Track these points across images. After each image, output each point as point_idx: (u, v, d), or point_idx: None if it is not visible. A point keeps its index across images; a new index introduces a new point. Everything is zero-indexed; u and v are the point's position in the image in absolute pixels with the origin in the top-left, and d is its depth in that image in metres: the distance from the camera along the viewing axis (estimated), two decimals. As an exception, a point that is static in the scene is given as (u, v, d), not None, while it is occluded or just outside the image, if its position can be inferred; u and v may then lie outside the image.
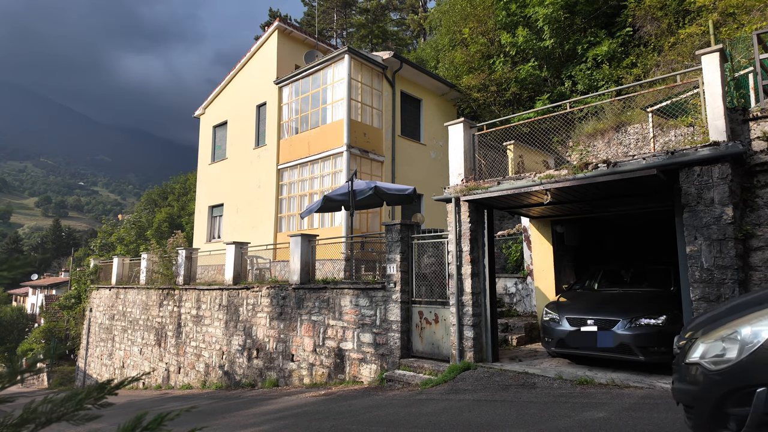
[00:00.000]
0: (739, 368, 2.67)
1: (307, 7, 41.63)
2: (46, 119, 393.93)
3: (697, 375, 2.90)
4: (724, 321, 2.96)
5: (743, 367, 2.65)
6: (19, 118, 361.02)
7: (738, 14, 11.42)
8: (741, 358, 2.68)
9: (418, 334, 8.62)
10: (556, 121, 8.48)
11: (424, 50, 27.22)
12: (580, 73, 15.63)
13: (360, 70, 15.49)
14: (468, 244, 7.93)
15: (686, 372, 3.00)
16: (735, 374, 2.68)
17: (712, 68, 5.95)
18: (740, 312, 2.88)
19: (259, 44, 18.67)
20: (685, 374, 3.02)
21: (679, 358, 3.13)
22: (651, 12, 14.32)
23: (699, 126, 6.69)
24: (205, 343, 13.33)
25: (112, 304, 19.03)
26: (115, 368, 18.07)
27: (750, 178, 5.93)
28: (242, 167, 18.65)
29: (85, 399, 1.22)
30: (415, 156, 17.28)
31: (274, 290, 11.35)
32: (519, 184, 7.21)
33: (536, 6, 15.95)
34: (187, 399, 11.13)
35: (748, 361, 2.63)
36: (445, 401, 6.18)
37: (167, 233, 28.04)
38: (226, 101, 20.42)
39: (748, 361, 2.63)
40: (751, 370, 2.62)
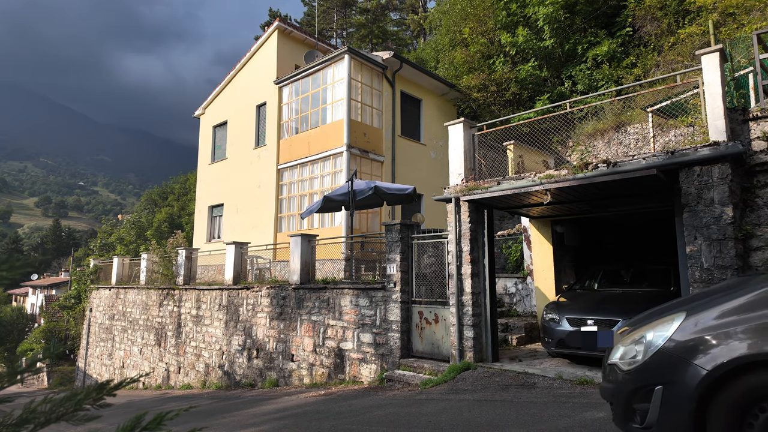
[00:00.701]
0: (643, 369, 2.97)
1: (307, 7, 41.63)
2: (46, 119, 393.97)
3: (614, 374, 3.20)
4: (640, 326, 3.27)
5: (646, 368, 2.96)
6: (19, 118, 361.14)
7: (738, 14, 11.42)
8: (645, 359, 2.98)
9: (418, 334, 8.62)
10: (556, 121, 8.48)
11: (424, 50, 27.22)
12: (580, 73, 15.63)
13: (360, 70, 15.49)
14: (468, 244, 7.93)
15: (608, 372, 3.30)
16: (640, 374, 2.99)
17: (712, 68, 5.95)
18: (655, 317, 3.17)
19: (259, 44, 18.67)
20: (607, 374, 3.33)
21: (605, 359, 3.43)
22: (651, 12, 14.32)
23: (699, 126, 6.69)
24: (205, 343, 13.33)
25: (112, 304, 19.03)
26: (115, 368, 18.07)
27: (750, 178, 5.94)
28: (242, 167, 18.65)
29: (84, 399, 1.22)
30: (415, 156, 17.28)
31: (274, 290, 11.35)
32: (519, 184, 7.21)
33: (536, 6, 15.95)
34: (187, 399, 11.13)
35: (650, 362, 2.94)
36: (445, 401, 6.18)
37: (167, 233, 28.04)
38: (226, 101, 20.42)
39: (650, 362, 2.94)
40: (652, 371, 2.92)
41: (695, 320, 2.87)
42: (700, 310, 2.95)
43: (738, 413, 2.61)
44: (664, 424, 2.81)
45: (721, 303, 2.90)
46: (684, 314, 2.97)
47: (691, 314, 2.94)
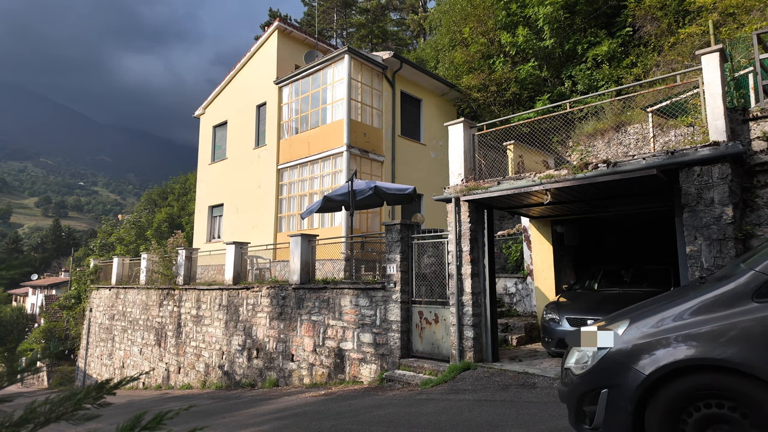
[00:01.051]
0: (592, 373, 3.14)
1: (307, 7, 41.63)
2: (46, 119, 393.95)
3: (568, 378, 3.36)
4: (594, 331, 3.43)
5: (594, 372, 3.13)
6: (19, 118, 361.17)
7: (738, 14, 11.42)
8: (593, 364, 3.15)
9: (418, 334, 8.62)
10: (556, 121, 8.48)
11: (424, 50, 27.21)
12: (580, 73, 15.63)
13: (360, 70, 15.49)
14: (468, 244, 7.93)
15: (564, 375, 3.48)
16: (588, 378, 3.15)
17: (712, 68, 5.95)
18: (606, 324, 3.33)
19: (259, 44, 18.67)
20: (563, 377, 3.50)
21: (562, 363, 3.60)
22: (651, 12, 14.32)
23: (699, 126, 6.69)
24: (205, 343, 13.33)
25: (112, 304, 19.03)
26: (115, 368, 18.07)
27: (750, 178, 5.93)
28: (242, 167, 18.65)
29: (84, 399, 1.22)
30: (415, 156, 17.28)
31: (274, 290, 11.35)
32: (519, 184, 7.21)
33: (536, 6, 15.95)
34: (187, 399, 11.13)
35: (597, 367, 3.11)
36: (445, 401, 6.18)
37: (167, 233, 28.04)
38: (226, 101, 20.42)
39: (597, 366, 3.11)
40: (599, 374, 3.09)
41: (637, 327, 3.03)
42: (641, 318, 3.10)
43: (672, 415, 2.76)
44: (609, 425, 2.95)
45: (660, 312, 3.04)
46: (628, 321, 3.13)
47: (633, 322, 3.10)
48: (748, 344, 2.61)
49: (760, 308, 2.66)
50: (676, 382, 2.80)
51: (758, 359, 2.55)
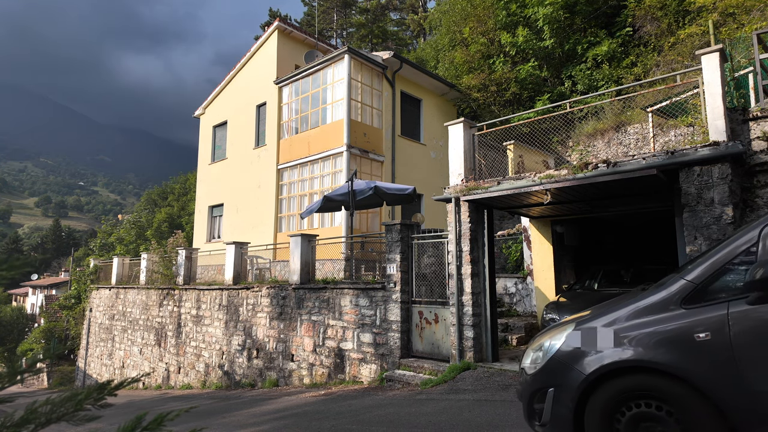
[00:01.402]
0: (541, 372, 3.33)
1: (307, 7, 41.63)
2: (46, 119, 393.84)
3: (523, 377, 3.58)
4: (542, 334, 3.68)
5: (543, 372, 3.32)
6: (19, 118, 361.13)
7: (738, 14, 11.42)
8: (542, 364, 3.34)
9: (418, 334, 8.62)
10: (556, 121, 8.48)
11: (424, 50, 27.22)
12: (580, 73, 15.63)
13: (360, 70, 15.49)
14: (468, 244, 7.93)
15: (520, 375, 3.71)
16: (538, 377, 3.34)
17: (712, 68, 5.95)
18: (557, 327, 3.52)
19: (259, 44, 18.67)
20: (520, 376, 3.73)
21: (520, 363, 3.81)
22: (651, 12, 14.32)
23: (699, 126, 6.69)
24: (205, 343, 13.33)
25: (112, 304, 19.03)
26: (115, 368, 18.08)
27: (750, 178, 5.94)
28: (242, 167, 18.65)
29: (84, 399, 1.22)
30: (415, 156, 17.28)
31: (274, 290, 11.35)
32: (519, 184, 7.21)
33: (536, 6, 15.95)
34: (187, 399, 11.13)
35: (546, 367, 3.30)
36: (445, 401, 6.18)
37: (167, 233, 28.04)
38: (226, 101, 20.42)
39: (546, 366, 3.30)
40: (547, 374, 3.29)
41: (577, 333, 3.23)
42: (585, 322, 3.27)
43: (608, 413, 2.94)
44: (554, 422, 3.14)
45: (601, 316, 3.22)
46: (574, 325, 3.31)
47: (578, 325, 3.28)
48: (674, 347, 2.79)
49: (686, 314, 2.83)
50: (612, 383, 2.97)
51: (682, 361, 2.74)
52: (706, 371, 2.68)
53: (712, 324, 2.73)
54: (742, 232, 2.91)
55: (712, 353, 2.69)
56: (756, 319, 2.62)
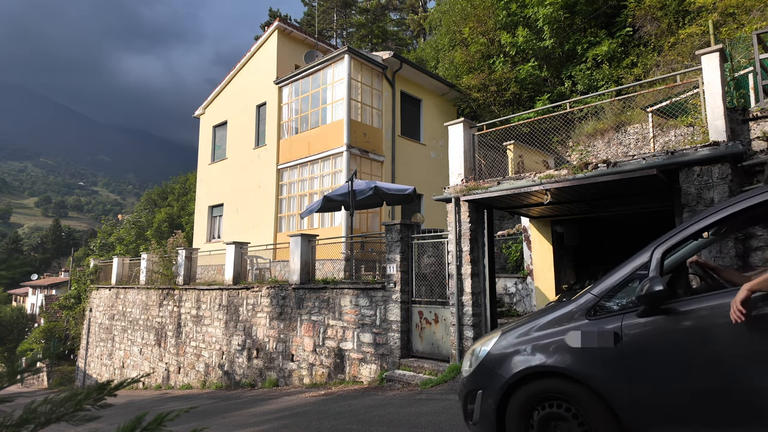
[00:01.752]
0: (473, 375, 3.60)
1: (307, 7, 41.63)
2: (46, 119, 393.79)
3: (461, 379, 3.82)
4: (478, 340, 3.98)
5: (474, 375, 3.59)
6: (19, 118, 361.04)
7: (738, 14, 11.42)
8: (474, 368, 3.62)
9: (418, 334, 8.62)
10: (556, 121, 8.48)
11: (424, 50, 27.21)
12: (580, 73, 15.63)
13: (360, 70, 15.49)
14: (468, 244, 7.93)
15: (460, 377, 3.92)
16: (471, 380, 3.61)
17: (712, 68, 5.95)
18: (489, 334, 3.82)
19: (259, 44, 18.67)
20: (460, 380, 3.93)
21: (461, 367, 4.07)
22: (651, 12, 14.32)
23: (699, 126, 6.69)
24: (205, 343, 13.33)
25: (112, 304, 19.03)
26: (114, 368, 18.07)
27: (750, 178, 5.94)
28: (242, 167, 18.65)
29: (84, 399, 1.22)
30: (415, 156, 17.28)
31: (274, 290, 11.35)
32: (519, 184, 7.21)
33: (536, 6, 15.95)
34: (187, 399, 11.13)
35: (477, 371, 3.58)
36: (445, 401, 6.18)
37: (167, 233, 28.04)
38: (226, 101, 20.43)
39: (477, 370, 3.58)
40: (477, 377, 3.56)
41: (505, 338, 3.51)
42: (509, 330, 3.56)
43: (524, 413, 3.23)
44: (482, 422, 3.44)
45: (523, 325, 3.50)
46: (500, 333, 3.61)
47: (504, 333, 3.57)
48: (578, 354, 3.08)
49: (590, 324, 3.11)
50: (527, 386, 3.26)
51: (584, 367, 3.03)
52: (602, 376, 2.97)
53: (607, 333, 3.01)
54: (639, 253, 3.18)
55: (608, 360, 2.97)
56: (642, 329, 2.91)
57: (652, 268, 2.96)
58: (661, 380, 2.81)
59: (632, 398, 2.86)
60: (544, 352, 3.22)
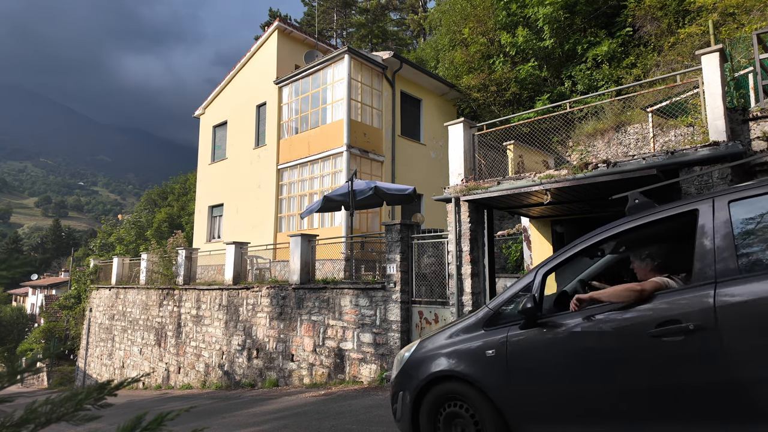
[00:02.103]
0: (397, 377, 4.01)
1: (307, 7, 41.63)
2: (46, 119, 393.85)
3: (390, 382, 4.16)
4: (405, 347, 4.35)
5: (398, 377, 4.00)
6: (19, 118, 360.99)
7: (738, 14, 11.42)
8: (399, 371, 4.02)
9: (418, 334, 8.62)
10: (556, 121, 8.48)
11: (424, 50, 27.21)
12: (580, 73, 15.63)
13: (360, 70, 15.49)
14: (468, 244, 7.93)
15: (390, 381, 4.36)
16: (395, 382, 4.03)
17: (712, 68, 5.95)
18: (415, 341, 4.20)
19: (259, 44, 18.67)
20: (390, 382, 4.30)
21: None
22: (651, 12, 14.32)
23: (699, 126, 6.69)
24: (205, 343, 13.33)
25: (112, 304, 19.04)
26: (114, 368, 18.08)
27: (750, 179, 5.93)
28: (242, 167, 18.66)
29: (84, 399, 1.22)
30: (415, 156, 17.28)
31: (274, 290, 11.35)
32: (519, 184, 7.21)
33: (536, 6, 15.95)
34: (187, 399, 11.13)
35: (400, 373, 3.99)
36: (445, 401, 6.17)
37: (167, 233, 28.03)
38: (226, 101, 20.43)
39: (400, 373, 3.99)
40: (399, 380, 3.98)
41: (423, 345, 3.92)
42: (427, 338, 3.99)
43: (432, 412, 3.64)
44: (402, 419, 3.85)
45: (437, 334, 3.92)
46: (420, 340, 4.04)
47: (422, 341, 4.00)
48: (473, 361, 3.49)
49: (484, 335, 3.49)
50: (434, 388, 3.66)
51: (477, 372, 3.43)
52: (491, 380, 3.36)
53: (496, 343, 3.41)
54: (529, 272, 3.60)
55: (495, 366, 3.36)
56: (521, 339, 3.31)
57: (534, 287, 3.37)
58: (534, 382, 3.22)
59: (512, 398, 3.26)
60: (448, 359, 3.64)
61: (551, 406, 3.15)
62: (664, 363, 2.72)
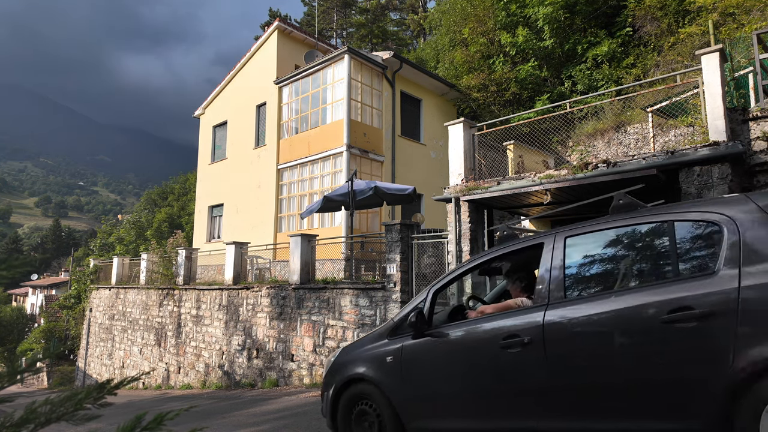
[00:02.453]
0: (324, 379, 4.52)
1: (307, 7, 41.63)
2: (46, 119, 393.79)
3: None
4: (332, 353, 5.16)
5: (325, 379, 4.50)
6: (19, 118, 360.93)
7: (738, 14, 11.42)
8: (325, 373, 4.55)
9: (418, 334, 8.61)
10: (556, 121, 8.48)
11: (424, 50, 27.21)
12: (580, 73, 15.62)
13: (360, 70, 15.49)
14: (468, 244, 7.93)
15: None
16: (323, 383, 4.51)
17: (712, 68, 5.95)
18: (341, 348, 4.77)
19: (259, 44, 18.67)
20: None
21: None
22: (651, 12, 14.32)
23: (699, 126, 6.69)
24: (205, 343, 13.33)
25: (112, 304, 19.03)
26: (114, 368, 18.08)
27: (750, 178, 5.93)
28: (242, 167, 18.66)
29: (84, 399, 1.22)
30: (415, 156, 17.28)
31: (274, 290, 11.35)
32: (519, 184, 7.21)
33: (536, 6, 15.95)
34: (187, 399, 11.13)
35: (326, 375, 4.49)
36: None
37: (167, 233, 28.04)
38: (226, 101, 20.43)
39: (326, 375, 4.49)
40: (326, 381, 4.45)
41: (345, 351, 4.49)
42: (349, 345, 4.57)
43: (347, 409, 4.17)
44: (326, 415, 4.38)
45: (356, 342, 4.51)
46: (343, 347, 4.60)
47: (344, 348, 4.56)
48: (377, 366, 4.01)
49: (388, 344, 4.02)
50: (349, 389, 4.19)
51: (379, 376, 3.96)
52: (389, 383, 3.89)
53: (394, 351, 3.94)
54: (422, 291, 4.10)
55: (393, 371, 3.88)
56: (413, 347, 3.82)
57: (426, 304, 3.89)
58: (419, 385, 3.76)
59: (404, 399, 3.80)
60: (360, 363, 4.19)
61: (431, 404, 3.73)
62: (510, 369, 3.32)
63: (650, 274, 3.09)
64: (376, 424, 3.94)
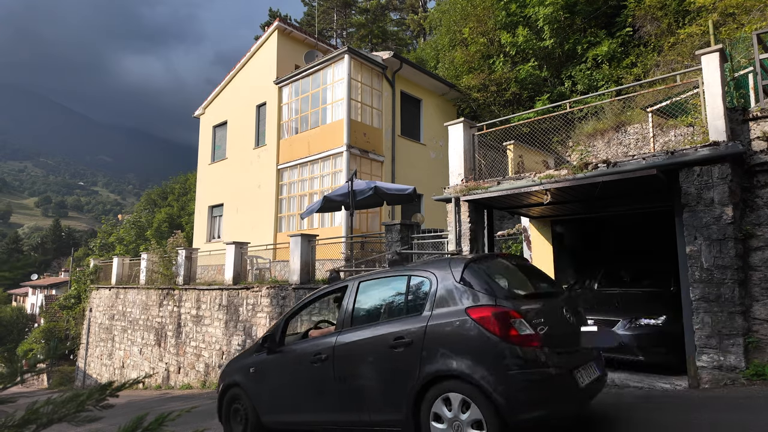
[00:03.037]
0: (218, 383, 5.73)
1: (307, 7, 41.61)
2: (46, 120, 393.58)
3: None
4: None
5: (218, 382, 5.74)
6: (19, 118, 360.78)
7: (738, 14, 11.42)
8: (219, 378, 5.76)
9: (418, 334, 8.62)
10: (556, 121, 8.48)
11: (424, 50, 27.20)
12: (580, 73, 15.62)
13: (360, 70, 15.49)
14: (468, 244, 7.93)
15: None
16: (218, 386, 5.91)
17: (712, 68, 5.95)
18: None
19: (259, 44, 18.67)
20: None
21: None
22: (651, 12, 14.32)
23: (699, 126, 6.69)
24: (205, 343, 13.33)
25: (112, 304, 19.03)
26: (114, 368, 18.07)
27: (750, 178, 5.94)
28: (242, 167, 18.65)
29: (87, 400, 1.22)
30: (415, 156, 17.28)
31: (274, 290, 11.35)
32: (519, 184, 7.21)
33: (536, 6, 15.94)
34: (188, 399, 11.13)
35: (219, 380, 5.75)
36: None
37: (167, 233, 28.03)
38: (226, 101, 20.42)
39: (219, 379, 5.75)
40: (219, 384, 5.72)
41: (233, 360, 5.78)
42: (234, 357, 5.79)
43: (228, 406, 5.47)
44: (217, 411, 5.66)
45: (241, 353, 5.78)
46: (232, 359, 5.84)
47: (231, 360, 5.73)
48: (245, 374, 5.30)
49: (254, 357, 5.28)
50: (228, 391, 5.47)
51: (246, 381, 5.25)
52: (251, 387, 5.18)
53: (255, 363, 5.22)
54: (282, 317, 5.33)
55: (254, 378, 5.19)
56: (267, 359, 5.12)
57: (279, 329, 5.12)
58: (267, 388, 5.04)
59: (260, 399, 5.08)
60: (235, 373, 5.45)
61: (274, 403, 4.98)
62: (315, 378, 4.57)
63: (393, 311, 4.36)
64: (243, 418, 5.22)
